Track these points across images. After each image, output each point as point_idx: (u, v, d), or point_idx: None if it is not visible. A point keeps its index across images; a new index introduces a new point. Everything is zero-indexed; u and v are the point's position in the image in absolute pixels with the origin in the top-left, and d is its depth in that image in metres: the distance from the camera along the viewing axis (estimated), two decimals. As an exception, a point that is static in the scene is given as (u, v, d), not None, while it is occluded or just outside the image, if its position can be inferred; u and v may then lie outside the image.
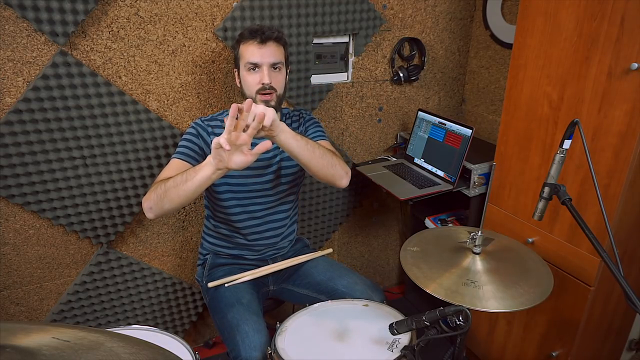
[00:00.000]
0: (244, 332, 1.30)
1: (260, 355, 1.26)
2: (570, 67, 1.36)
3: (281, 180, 1.55)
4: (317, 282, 1.55)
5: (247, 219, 1.54)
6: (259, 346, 1.28)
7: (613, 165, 1.30)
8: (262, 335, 1.31)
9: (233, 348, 1.31)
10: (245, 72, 1.41)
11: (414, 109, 2.20)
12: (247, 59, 1.39)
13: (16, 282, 1.66)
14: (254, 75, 1.39)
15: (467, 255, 1.26)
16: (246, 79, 1.41)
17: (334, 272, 1.55)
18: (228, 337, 1.34)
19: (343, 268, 1.60)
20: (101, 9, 1.47)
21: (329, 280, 1.53)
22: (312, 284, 1.56)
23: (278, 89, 1.42)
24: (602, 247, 0.98)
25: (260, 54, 1.38)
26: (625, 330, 1.74)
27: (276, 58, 1.40)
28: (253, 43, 1.38)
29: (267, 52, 1.38)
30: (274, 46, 1.39)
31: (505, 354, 1.81)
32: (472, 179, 1.81)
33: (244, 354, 1.26)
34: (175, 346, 1.20)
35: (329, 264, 1.62)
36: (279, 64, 1.41)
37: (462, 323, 1.03)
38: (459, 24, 2.14)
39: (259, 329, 1.32)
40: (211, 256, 1.60)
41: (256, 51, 1.37)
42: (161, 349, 0.58)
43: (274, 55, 1.39)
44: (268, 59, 1.38)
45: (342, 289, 1.49)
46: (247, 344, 1.27)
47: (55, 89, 1.46)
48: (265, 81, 1.38)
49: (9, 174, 1.49)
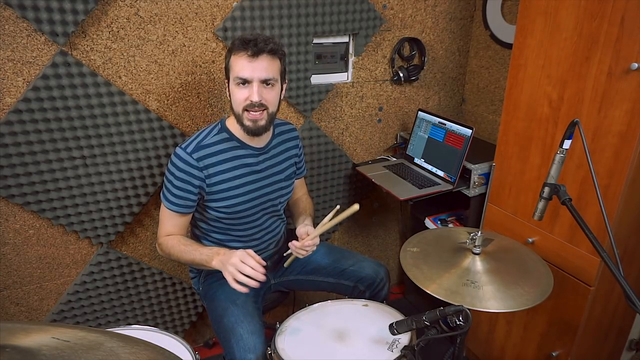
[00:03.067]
0: (238, 335, 1.30)
1: (255, 357, 1.26)
2: (570, 67, 1.36)
3: (279, 207, 1.55)
4: (322, 266, 1.55)
5: (242, 241, 1.51)
6: (254, 348, 1.27)
7: (613, 165, 1.30)
8: (257, 336, 1.30)
9: (228, 351, 1.31)
10: (234, 86, 1.28)
11: (414, 109, 2.20)
12: (236, 72, 1.26)
13: (16, 282, 1.66)
14: (243, 91, 1.27)
15: (467, 255, 1.26)
16: (234, 94, 1.29)
17: (337, 254, 1.57)
18: (223, 341, 1.35)
19: (344, 250, 1.62)
20: (101, 9, 1.47)
21: (335, 262, 1.54)
22: (317, 269, 1.56)
23: (270, 106, 1.30)
24: (602, 247, 0.98)
25: (251, 69, 1.24)
26: (625, 330, 1.74)
27: (268, 74, 1.26)
28: (243, 56, 1.24)
29: (259, 67, 1.24)
30: (267, 60, 1.25)
31: (505, 354, 1.81)
32: (472, 179, 1.81)
33: (239, 356, 1.26)
34: (175, 346, 1.20)
35: (328, 248, 1.63)
36: (272, 80, 1.28)
37: (462, 323, 1.03)
38: (459, 24, 2.14)
39: (254, 330, 1.31)
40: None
41: (246, 65, 1.24)
42: (161, 349, 0.58)
43: (266, 71, 1.26)
44: (259, 74, 1.25)
45: (350, 267, 1.49)
46: (241, 347, 1.27)
47: (55, 89, 1.46)
48: (254, 99, 1.26)
49: (9, 174, 1.49)
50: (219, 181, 1.37)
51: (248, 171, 1.41)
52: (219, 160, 1.37)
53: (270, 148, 1.47)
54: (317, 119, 1.99)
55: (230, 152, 1.39)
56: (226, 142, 1.39)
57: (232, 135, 1.39)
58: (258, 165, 1.44)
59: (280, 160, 1.50)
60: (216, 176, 1.36)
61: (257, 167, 1.43)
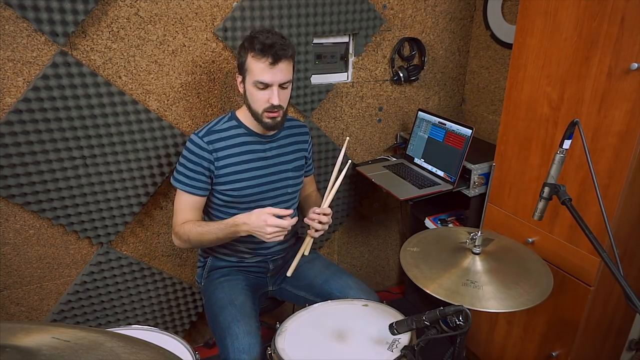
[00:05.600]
0: (234, 334, 1.30)
1: (249, 358, 1.26)
2: (570, 67, 1.36)
3: (287, 197, 1.57)
4: (312, 284, 1.56)
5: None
6: (248, 348, 1.27)
7: (613, 165, 1.30)
8: (253, 337, 1.30)
9: (222, 350, 1.31)
10: (252, 87, 1.36)
11: (414, 109, 2.20)
12: (256, 76, 1.33)
13: (16, 282, 1.66)
14: (263, 94, 1.35)
15: (467, 255, 1.26)
16: (254, 95, 1.37)
17: (330, 275, 1.56)
18: (219, 339, 1.35)
19: (339, 270, 1.60)
20: (101, 9, 1.47)
21: (324, 283, 1.54)
22: (308, 286, 1.57)
23: (285, 106, 1.41)
24: (602, 247, 0.98)
25: (272, 75, 1.32)
26: (625, 330, 1.74)
27: (286, 77, 1.36)
28: (265, 62, 1.31)
29: (279, 73, 1.33)
30: (285, 64, 1.34)
31: (505, 354, 1.81)
32: (472, 179, 1.81)
33: (233, 356, 1.26)
34: (175, 346, 1.20)
35: (326, 265, 1.62)
36: (288, 82, 1.38)
37: (462, 323, 1.03)
38: (459, 24, 2.14)
39: (250, 331, 1.31)
40: (211, 259, 1.60)
41: (267, 71, 1.32)
42: (161, 349, 0.58)
43: (285, 75, 1.35)
44: (279, 79, 1.34)
45: (336, 292, 1.49)
46: (236, 347, 1.27)
47: (55, 89, 1.46)
48: (275, 102, 1.35)
49: (9, 174, 1.49)
50: (226, 164, 1.44)
51: (255, 157, 1.48)
52: (227, 145, 1.45)
53: (278, 138, 1.53)
54: (317, 119, 1.99)
55: (239, 138, 1.47)
56: (235, 129, 1.47)
57: (241, 123, 1.48)
58: (265, 152, 1.50)
59: (288, 151, 1.55)
60: (224, 159, 1.44)
61: (264, 154, 1.50)
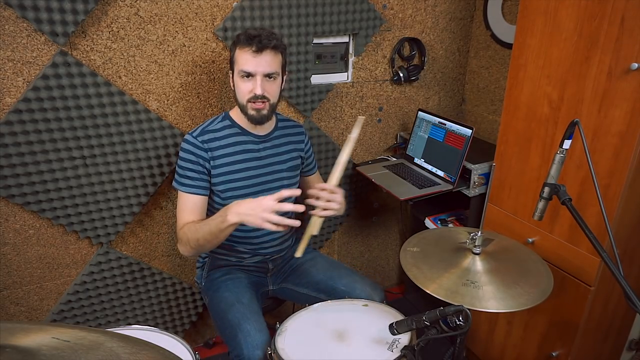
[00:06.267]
0: (245, 331, 1.30)
1: (262, 354, 1.26)
2: (570, 67, 1.36)
3: None
4: (316, 281, 1.55)
5: (248, 230, 1.51)
6: (261, 345, 1.27)
7: (613, 165, 1.30)
8: (264, 334, 1.31)
9: (235, 347, 1.30)
10: (238, 79, 1.38)
11: (414, 109, 2.20)
12: (240, 66, 1.35)
13: (16, 282, 1.66)
14: (247, 84, 1.36)
15: (467, 255, 1.26)
16: (239, 86, 1.38)
17: (334, 272, 1.55)
18: (229, 337, 1.34)
19: (343, 267, 1.60)
20: (101, 9, 1.47)
21: (328, 279, 1.53)
22: (311, 283, 1.56)
23: (272, 98, 1.39)
24: (602, 247, 0.98)
25: (255, 63, 1.33)
26: (625, 330, 1.74)
27: (271, 68, 1.35)
28: (248, 50, 1.32)
29: (262, 62, 1.33)
30: (270, 55, 1.34)
31: (505, 354, 1.81)
32: (472, 179, 1.81)
33: (247, 352, 1.26)
34: (175, 346, 1.20)
35: (329, 263, 1.62)
36: (274, 74, 1.37)
37: (462, 323, 1.03)
38: (459, 24, 2.14)
39: (260, 328, 1.32)
40: (210, 258, 1.60)
41: (250, 60, 1.33)
42: (161, 349, 0.57)
43: (270, 65, 1.34)
44: (262, 68, 1.34)
45: (341, 287, 1.49)
46: (249, 343, 1.27)
47: (55, 89, 1.46)
48: (258, 92, 1.35)
49: (9, 174, 1.49)
50: (222, 164, 1.45)
51: (249, 157, 1.49)
52: (221, 145, 1.46)
53: (272, 138, 1.53)
54: (317, 119, 1.99)
55: (233, 138, 1.48)
56: (229, 128, 1.49)
57: (235, 122, 1.50)
58: (259, 152, 1.51)
59: (282, 151, 1.55)
60: (220, 159, 1.45)
61: (258, 153, 1.51)
